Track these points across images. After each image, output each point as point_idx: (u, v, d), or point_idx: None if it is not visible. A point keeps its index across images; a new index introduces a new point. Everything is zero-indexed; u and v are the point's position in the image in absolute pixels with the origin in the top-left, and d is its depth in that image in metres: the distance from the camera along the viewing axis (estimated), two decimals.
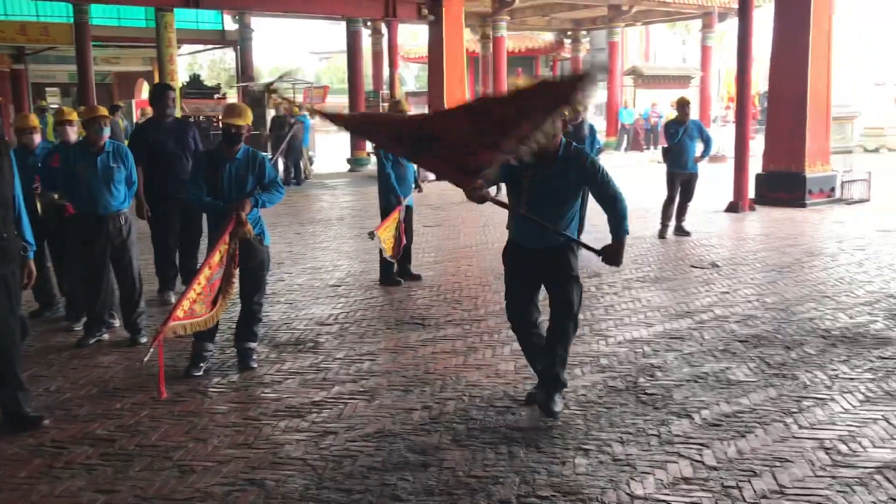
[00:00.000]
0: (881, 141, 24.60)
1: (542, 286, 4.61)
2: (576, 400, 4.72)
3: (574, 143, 4.51)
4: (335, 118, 4.58)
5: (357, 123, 5.69)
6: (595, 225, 6.04)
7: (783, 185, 13.21)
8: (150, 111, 8.72)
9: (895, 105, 25.57)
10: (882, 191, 13.72)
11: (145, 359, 4.60)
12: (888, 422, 4.33)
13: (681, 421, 4.40)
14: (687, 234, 10.39)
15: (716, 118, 29.67)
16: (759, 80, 25.72)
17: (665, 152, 10.68)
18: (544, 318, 4.68)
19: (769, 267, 8.51)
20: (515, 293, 4.61)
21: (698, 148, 10.38)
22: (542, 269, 4.52)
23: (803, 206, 12.90)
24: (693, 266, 8.50)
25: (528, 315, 4.63)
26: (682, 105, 10.37)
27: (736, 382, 5.00)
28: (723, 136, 23.68)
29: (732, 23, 26.84)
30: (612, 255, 4.46)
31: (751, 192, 13.12)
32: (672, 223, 10.45)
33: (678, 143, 10.25)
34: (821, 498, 3.53)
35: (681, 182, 10.34)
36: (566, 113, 4.35)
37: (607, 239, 4.44)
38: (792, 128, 13.08)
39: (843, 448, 4.01)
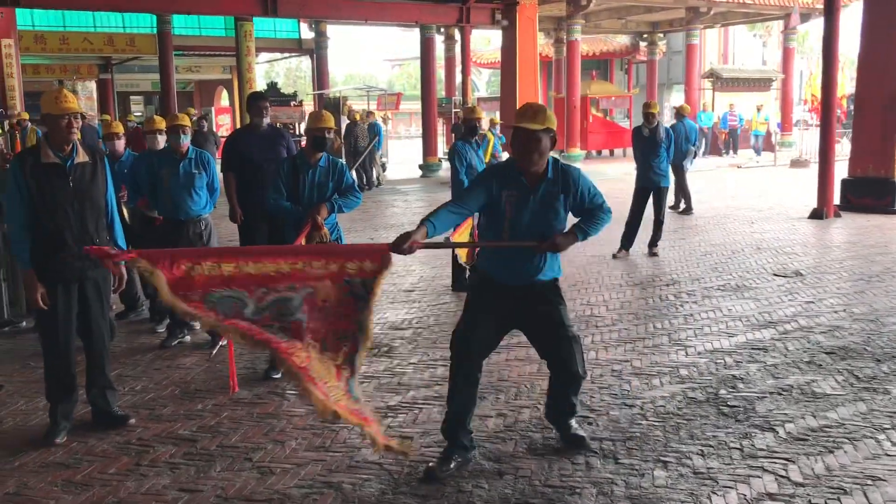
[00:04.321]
0: None
1: (512, 330, 4.08)
2: (654, 411, 4.62)
3: (561, 162, 3.92)
4: None
5: None
6: None
7: (871, 191, 12.72)
8: (226, 119, 8.87)
9: None
10: None
11: (213, 352, 4.68)
12: None
13: (764, 434, 4.26)
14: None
15: (798, 122, 28.81)
16: (845, 83, 24.89)
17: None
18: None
19: (856, 276, 8.19)
20: (477, 325, 3.91)
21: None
22: (519, 310, 3.94)
23: (892, 212, 12.40)
24: (776, 274, 8.25)
25: (482, 355, 3.95)
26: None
27: (822, 396, 4.81)
28: (805, 141, 23.00)
29: (815, 23, 26.07)
30: (557, 240, 3.80)
31: (836, 199, 12.69)
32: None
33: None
34: None
35: None
36: (553, 130, 3.75)
37: None
38: (881, 131, 12.61)
39: None
